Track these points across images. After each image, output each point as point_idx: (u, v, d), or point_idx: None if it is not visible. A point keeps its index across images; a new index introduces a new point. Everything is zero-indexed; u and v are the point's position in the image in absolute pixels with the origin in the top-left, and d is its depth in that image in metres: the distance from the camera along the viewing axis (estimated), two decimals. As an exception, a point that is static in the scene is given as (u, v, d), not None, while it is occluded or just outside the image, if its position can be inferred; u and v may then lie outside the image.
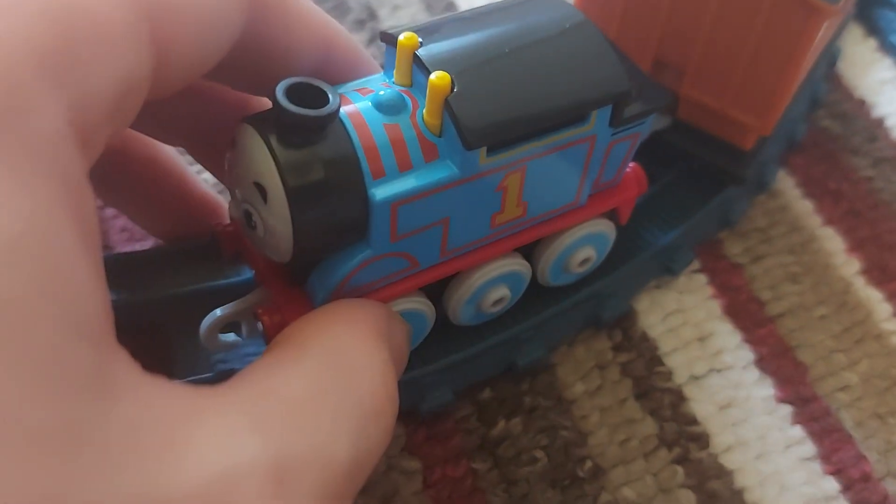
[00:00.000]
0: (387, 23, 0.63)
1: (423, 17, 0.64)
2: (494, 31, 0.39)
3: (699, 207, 0.51)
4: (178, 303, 0.45)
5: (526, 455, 0.43)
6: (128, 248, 0.49)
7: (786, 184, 0.57)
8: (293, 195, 0.34)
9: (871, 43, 0.67)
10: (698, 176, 0.51)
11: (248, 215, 0.36)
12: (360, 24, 0.63)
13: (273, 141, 0.34)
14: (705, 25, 0.45)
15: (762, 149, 0.52)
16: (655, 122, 0.46)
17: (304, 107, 0.33)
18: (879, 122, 0.61)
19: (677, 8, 0.46)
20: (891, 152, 0.59)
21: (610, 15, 0.48)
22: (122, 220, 0.51)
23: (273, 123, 0.34)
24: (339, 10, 0.64)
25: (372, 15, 0.64)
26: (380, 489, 0.41)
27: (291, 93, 0.33)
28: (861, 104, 0.62)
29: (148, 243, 0.50)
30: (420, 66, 0.36)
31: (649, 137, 0.44)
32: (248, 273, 0.46)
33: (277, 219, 0.34)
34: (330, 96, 0.34)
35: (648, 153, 0.46)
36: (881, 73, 0.64)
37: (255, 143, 0.34)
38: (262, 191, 0.34)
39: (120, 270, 0.46)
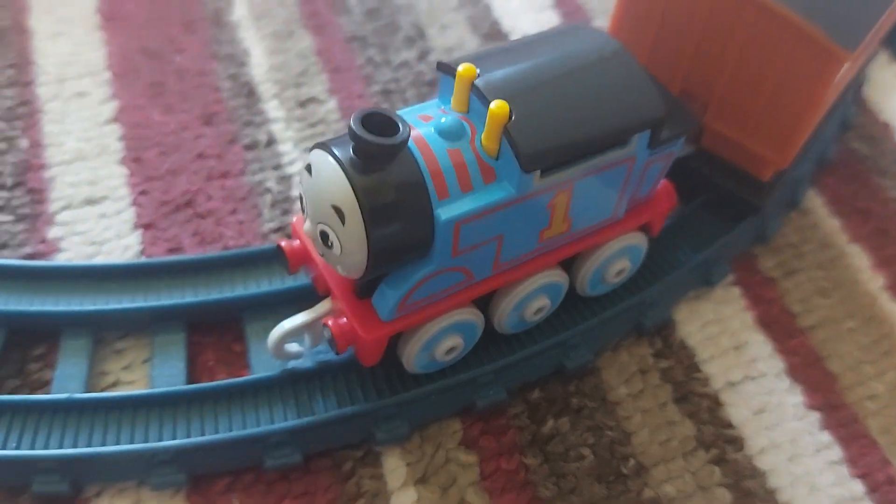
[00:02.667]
0: (435, 41, 0.67)
1: (469, 37, 0.68)
2: (541, 60, 0.42)
3: (731, 228, 0.54)
4: (251, 303, 0.49)
5: (574, 452, 0.46)
6: (199, 251, 0.53)
7: (815, 202, 0.60)
8: (370, 217, 0.37)
9: (895, 68, 0.70)
10: (725, 201, 0.54)
11: (324, 236, 0.39)
12: (409, 41, 0.67)
13: (350, 167, 0.38)
14: (730, 61, 0.48)
15: (793, 169, 0.55)
16: (681, 149, 0.49)
17: (377, 135, 0.37)
18: (906, 144, 0.64)
19: (704, 43, 0.49)
20: (917, 173, 0.62)
21: (641, 46, 0.51)
22: (194, 225, 0.54)
23: (348, 150, 0.38)
24: (389, 29, 0.68)
25: (421, 34, 0.68)
26: (439, 480, 0.45)
27: (365, 122, 0.37)
28: (886, 127, 0.65)
29: (217, 247, 0.54)
30: (478, 95, 0.40)
31: (676, 163, 0.48)
32: (305, 279, 0.49)
33: (354, 239, 0.38)
34: (400, 126, 0.38)
35: (677, 178, 0.49)
36: (907, 96, 0.67)
37: (332, 169, 0.38)
38: (339, 213, 0.38)
39: (198, 272, 0.50)
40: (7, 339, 0.48)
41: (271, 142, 0.59)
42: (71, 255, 0.53)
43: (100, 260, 0.53)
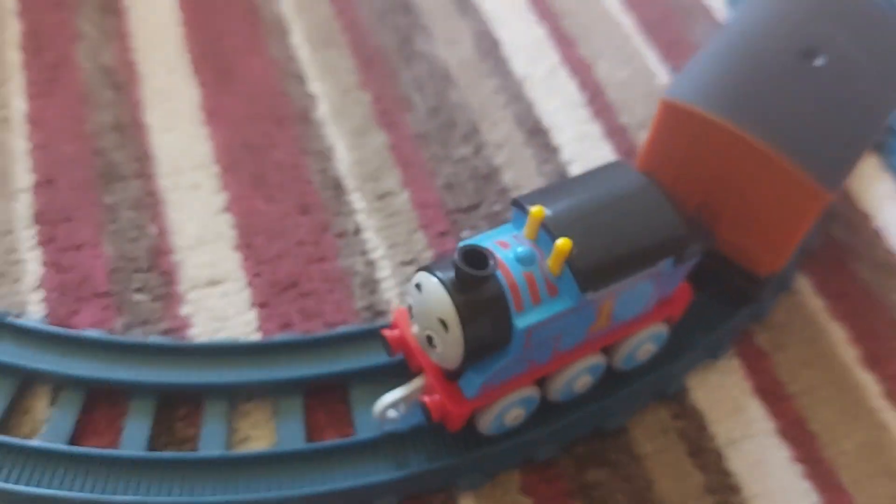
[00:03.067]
0: (487, 136, 0.79)
1: (515, 132, 0.80)
2: (590, 196, 0.55)
3: (734, 312, 0.66)
4: (358, 375, 0.62)
5: (611, 497, 0.59)
6: (305, 326, 0.66)
7: (803, 284, 0.72)
8: (466, 329, 0.50)
9: (874, 160, 0.82)
10: (729, 291, 0.67)
11: (429, 339, 0.52)
12: (466, 138, 0.80)
13: (452, 289, 0.50)
14: (736, 190, 0.60)
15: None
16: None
17: (472, 267, 0.50)
18: (878, 233, 0.76)
19: (716, 176, 0.61)
20: (885, 258, 0.75)
21: (664, 174, 0.63)
22: (300, 304, 0.67)
23: (450, 274, 0.51)
24: (448, 125, 0.80)
25: (475, 130, 0.80)
26: (505, 521, 0.58)
27: (465, 255, 0.50)
28: (865, 216, 0.78)
29: (319, 322, 0.66)
30: (546, 231, 0.53)
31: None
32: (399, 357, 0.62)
33: (454, 343, 0.51)
34: (490, 260, 0.50)
35: (692, 273, 0.62)
36: (882, 188, 0.80)
37: (438, 290, 0.51)
38: (443, 324, 0.50)
39: (311, 348, 0.63)
40: (158, 404, 0.61)
41: (357, 230, 0.72)
42: (200, 329, 0.65)
43: (226, 336, 0.65)
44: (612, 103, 0.84)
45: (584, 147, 0.80)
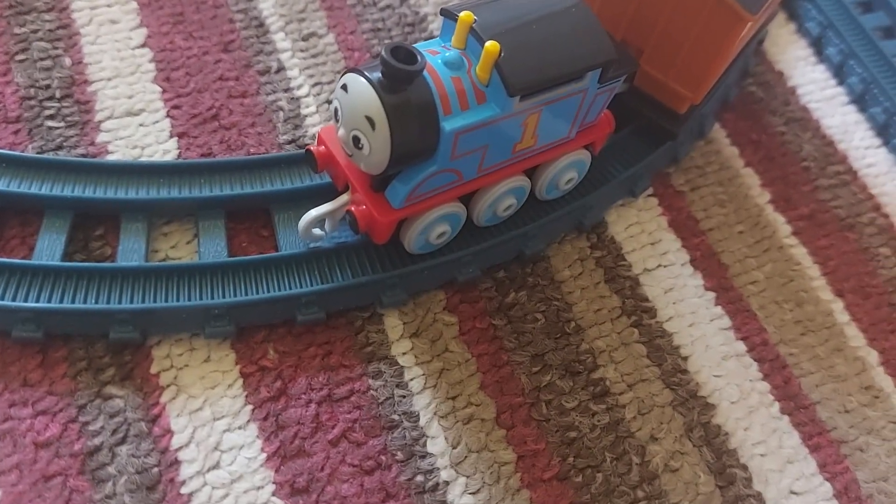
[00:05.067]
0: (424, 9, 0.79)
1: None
2: (521, 10, 0.55)
3: (653, 150, 0.68)
4: (278, 197, 0.61)
5: (530, 316, 0.61)
6: (227, 156, 0.65)
7: (719, 133, 0.74)
8: (394, 125, 0.50)
9: (791, 26, 0.85)
10: (649, 128, 0.68)
11: (356, 139, 0.51)
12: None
13: (379, 87, 0.50)
14: (661, 19, 0.61)
15: (703, 105, 0.69)
16: (620, 86, 0.63)
17: (402, 63, 0.49)
18: (793, 90, 0.79)
19: (643, 2, 0.62)
20: (800, 114, 0.78)
21: (592, 1, 0.64)
22: (221, 135, 0.66)
23: (378, 73, 0.50)
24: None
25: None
26: (428, 334, 0.58)
27: (393, 52, 0.50)
28: (780, 75, 0.80)
29: (242, 153, 0.65)
30: (475, 36, 0.53)
31: (614, 97, 0.61)
32: (321, 179, 0.62)
33: (381, 141, 0.50)
34: (419, 57, 0.50)
35: (614, 109, 0.63)
36: (797, 51, 0.83)
37: (365, 88, 0.50)
38: (370, 122, 0.50)
39: (233, 171, 0.62)
40: (73, 221, 0.59)
41: (281, 69, 0.70)
42: (119, 156, 0.64)
43: (148, 158, 0.63)
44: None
45: None
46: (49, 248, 0.57)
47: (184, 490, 0.51)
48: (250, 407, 0.55)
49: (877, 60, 0.80)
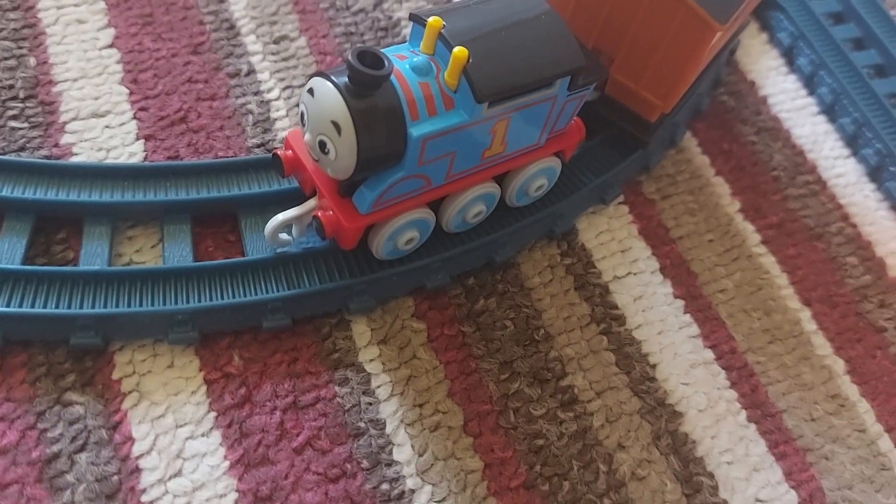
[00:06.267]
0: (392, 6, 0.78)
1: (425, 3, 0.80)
2: (491, 16, 0.54)
3: (623, 158, 0.68)
4: (245, 202, 0.61)
5: (499, 323, 0.60)
6: (194, 159, 0.64)
7: (690, 142, 0.75)
8: (360, 131, 0.49)
9: (763, 37, 0.85)
10: (620, 137, 0.68)
11: (322, 144, 0.51)
12: (376, 4, 0.78)
13: (346, 92, 0.49)
14: (632, 28, 0.61)
15: (674, 114, 0.69)
16: (591, 94, 0.63)
17: (368, 68, 0.49)
18: (764, 100, 0.79)
19: (613, 11, 0.62)
20: (771, 124, 0.78)
21: (565, 10, 0.64)
22: (188, 138, 0.65)
23: (344, 78, 0.50)
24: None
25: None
26: (396, 341, 0.58)
27: (359, 57, 0.49)
28: (752, 85, 0.81)
29: (210, 156, 0.64)
30: (443, 41, 0.52)
31: (585, 105, 0.61)
32: (289, 184, 0.61)
33: (347, 147, 0.50)
34: (386, 62, 0.50)
35: (585, 117, 0.63)
36: (769, 61, 0.83)
37: (332, 93, 0.50)
38: (337, 127, 0.50)
39: (199, 174, 0.61)
40: (34, 224, 0.58)
41: (251, 71, 0.70)
42: (83, 158, 0.63)
43: (114, 161, 0.63)
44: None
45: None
46: (9, 252, 0.56)
47: (144, 498, 0.50)
48: (214, 414, 0.54)
49: (847, 71, 0.81)
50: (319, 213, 0.55)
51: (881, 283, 0.69)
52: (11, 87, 0.65)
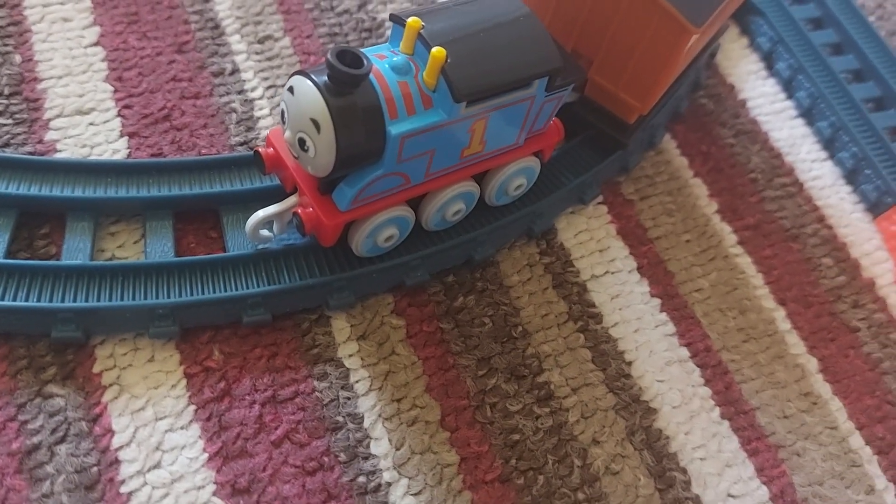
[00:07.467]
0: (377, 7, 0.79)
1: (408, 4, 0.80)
2: (470, 18, 0.55)
3: (603, 159, 0.69)
4: (226, 199, 0.61)
5: (477, 320, 0.61)
6: (177, 157, 0.64)
7: (669, 144, 0.76)
8: (339, 128, 0.50)
9: (743, 41, 0.86)
10: (599, 138, 0.69)
11: (302, 141, 0.52)
12: (361, 5, 0.79)
13: (325, 90, 0.50)
14: (610, 30, 0.62)
15: (652, 116, 0.70)
16: (569, 95, 0.64)
17: (348, 67, 0.50)
18: (743, 103, 0.81)
19: (592, 14, 0.63)
20: (749, 126, 0.79)
21: (544, 12, 0.65)
22: (172, 135, 0.66)
23: (324, 77, 0.50)
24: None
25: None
26: (375, 337, 0.59)
27: (339, 56, 0.50)
28: (731, 88, 0.82)
29: (193, 154, 0.65)
30: (422, 42, 0.53)
31: (564, 106, 0.62)
32: (270, 181, 0.62)
33: (326, 144, 0.51)
34: (365, 61, 0.50)
35: (564, 118, 0.64)
36: (749, 65, 0.84)
37: (311, 91, 0.50)
38: (316, 125, 0.50)
39: (182, 171, 0.62)
40: (17, 219, 0.59)
41: (235, 70, 0.70)
42: (67, 154, 0.63)
43: (97, 157, 0.63)
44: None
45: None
46: (-8, 246, 0.56)
47: (123, 489, 0.51)
48: (193, 407, 0.54)
49: (824, 76, 0.82)
50: (300, 210, 0.55)
51: (855, 283, 0.70)
52: (-4, 83, 0.66)
